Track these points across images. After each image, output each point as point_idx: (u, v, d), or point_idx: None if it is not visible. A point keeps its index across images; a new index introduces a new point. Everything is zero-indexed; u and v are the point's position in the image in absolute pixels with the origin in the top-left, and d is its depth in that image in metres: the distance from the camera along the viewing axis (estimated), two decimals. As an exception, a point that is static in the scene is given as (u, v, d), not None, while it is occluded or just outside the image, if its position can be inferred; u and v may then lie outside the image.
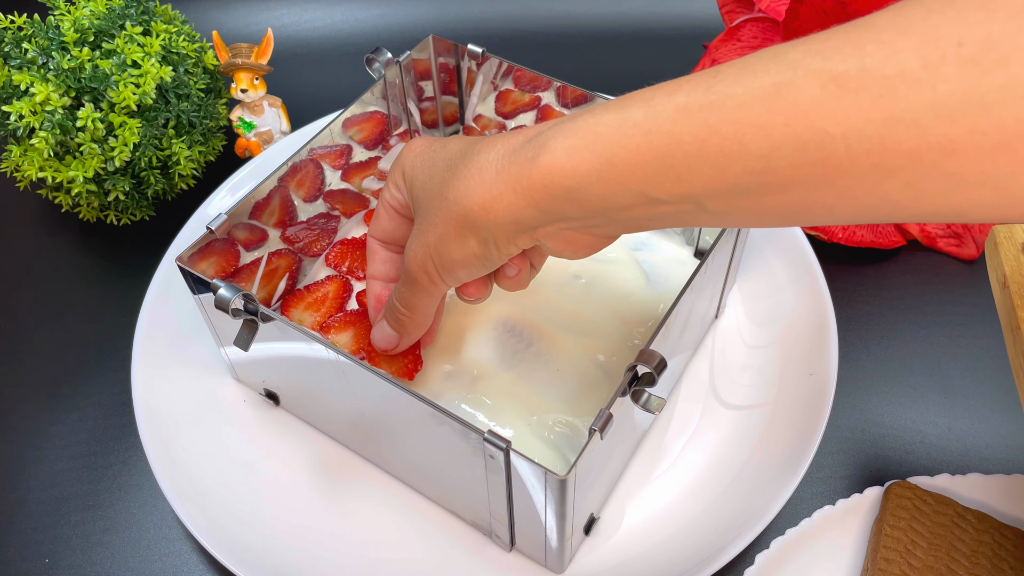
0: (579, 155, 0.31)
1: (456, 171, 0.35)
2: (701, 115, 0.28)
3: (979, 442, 0.51)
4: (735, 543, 0.43)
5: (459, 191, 0.35)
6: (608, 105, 0.31)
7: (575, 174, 0.31)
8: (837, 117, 0.25)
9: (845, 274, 0.59)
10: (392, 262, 0.45)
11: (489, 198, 0.34)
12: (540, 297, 0.51)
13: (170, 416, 0.49)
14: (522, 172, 0.32)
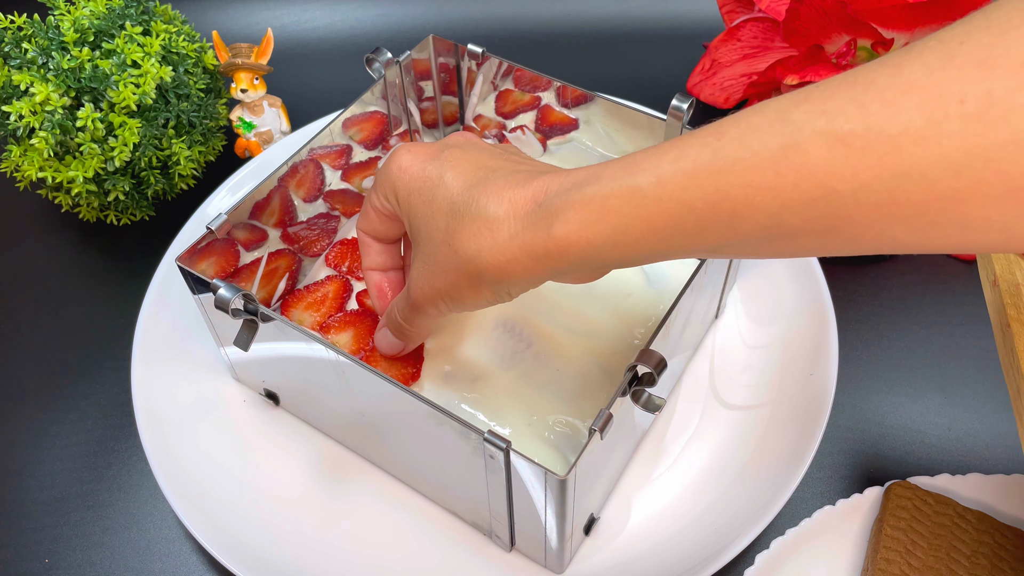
0: (593, 228, 0.32)
1: (462, 222, 0.36)
2: (710, 181, 0.29)
3: (979, 442, 0.51)
4: (735, 543, 0.43)
5: (470, 249, 0.35)
6: (615, 170, 0.31)
7: (591, 245, 0.32)
8: (845, 175, 0.26)
9: (845, 274, 0.59)
10: (386, 253, 0.45)
11: (504, 261, 0.34)
12: (540, 297, 0.51)
13: (170, 416, 0.49)
14: (536, 242, 0.33)
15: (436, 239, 0.37)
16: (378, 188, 0.41)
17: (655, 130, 0.50)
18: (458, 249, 0.36)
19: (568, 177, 0.33)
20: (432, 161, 0.38)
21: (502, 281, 0.35)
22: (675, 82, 0.69)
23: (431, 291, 0.38)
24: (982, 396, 0.53)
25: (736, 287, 0.55)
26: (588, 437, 0.36)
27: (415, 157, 0.39)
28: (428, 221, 0.38)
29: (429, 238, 0.38)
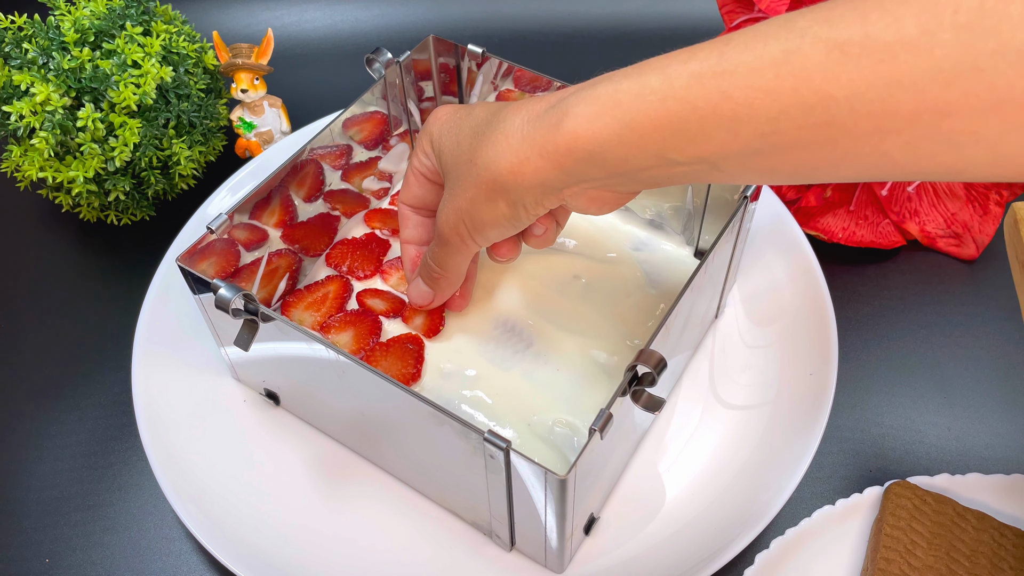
0: (600, 121, 0.33)
1: (483, 138, 0.37)
2: (714, 81, 0.30)
3: (979, 442, 0.51)
4: (735, 543, 0.43)
5: (487, 157, 0.37)
6: (627, 71, 0.33)
7: (597, 139, 0.33)
8: (841, 81, 0.27)
9: (845, 274, 0.59)
10: (424, 227, 0.47)
11: (517, 162, 0.35)
12: (540, 297, 0.51)
13: (170, 416, 0.49)
14: (547, 138, 0.34)
15: (461, 161, 0.39)
16: (417, 145, 0.43)
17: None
18: (477, 161, 0.37)
19: (584, 83, 0.34)
20: (464, 107, 0.41)
21: (516, 186, 0.36)
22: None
23: (454, 214, 0.40)
24: (982, 396, 0.53)
25: (736, 287, 0.55)
26: (588, 437, 0.36)
27: (450, 107, 0.42)
28: (455, 150, 0.40)
29: (456, 164, 0.39)
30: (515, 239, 0.43)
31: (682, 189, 0.51)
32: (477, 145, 0.37)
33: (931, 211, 0.59)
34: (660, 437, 0.49)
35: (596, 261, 0.53)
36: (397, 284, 0.52)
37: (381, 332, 0.49)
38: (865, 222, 0.59)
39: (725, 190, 0.49)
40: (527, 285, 0.51)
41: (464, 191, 0.39)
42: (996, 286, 0.58)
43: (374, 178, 0.56)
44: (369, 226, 0.55)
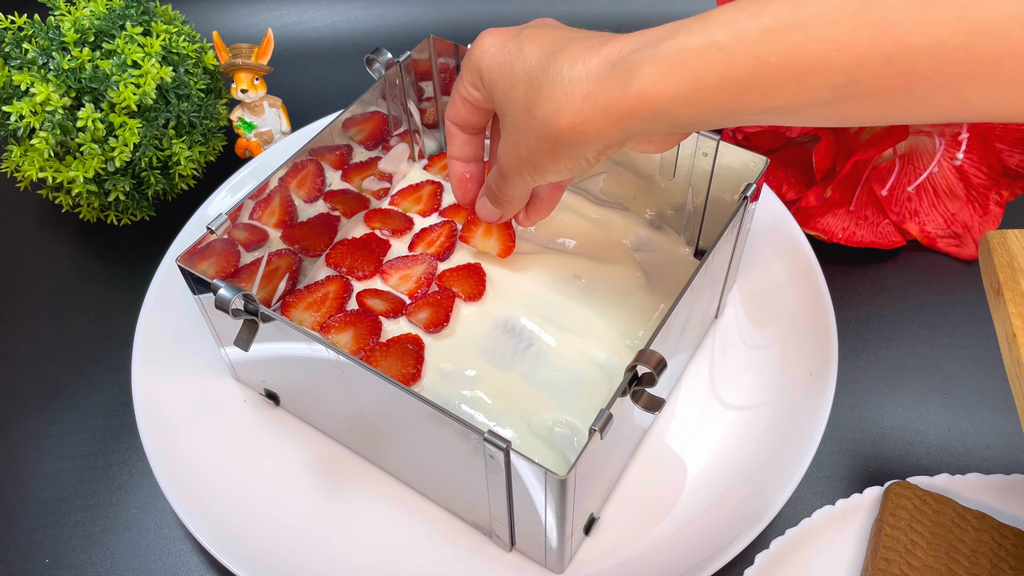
0: (667, 82, 0.32)
1: (540, 89, 0.36)
2: (787, 35, 0.29)
3: (979, 442, 0.51)
4: (735, 543, 0.43)
5: (547, 112, 0.36)
6: (690, 25, 0.32)
7: (663, 100, 0.32)
8: (923, 31, 0.27)
9: (845, 274, 0.59)
10: (470, 144, 0.47)
11: (579, 122, 0.35)
12: (540, 297, 0.51)
13: (170, 416, 0.49)
14: (611, 99, 0.34)
15: (517, 108, 0.38)
16: (464, 74, 0.42)
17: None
18: (536, 115, 0.37)
19: (644, 36, 0.33)
20: (512, 39, 0.40)
21: (578, 144, 0.36)
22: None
23: (516, 160, 0.40)
24: (982, 396, 0.53)
25: (736, 287, 0.55)
26: (588, 437, 0.36)
27: (496, 37, 0.40)
28: (508, 93, 0.39)
29: (511, 109, 0.39)
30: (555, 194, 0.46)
31: (682, 189, 0.51)
32: (535, 96, 0.37)
33: (931, 211, 0.59)
34: (660, 437, 0.49)
35: (596, 261, 0.53)
36: (397, 284, 0.52)
37: (381, 332, 0.49)
38: (865, 222, 0.59)
39: (725, 190, 0.49)
40: (527, 285, 0.51)
41: (525, 141, 0.39)
42: (996, 286, 0.58)
43: (374, 178, 0.56)
44: (369, 226, 0.55)
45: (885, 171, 0.58)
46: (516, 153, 0.40)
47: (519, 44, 0.39)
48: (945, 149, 0.57)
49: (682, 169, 0.50)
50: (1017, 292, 0.38)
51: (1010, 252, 0.40)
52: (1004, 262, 0.40)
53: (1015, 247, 0.40)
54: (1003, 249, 0.40)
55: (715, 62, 0.31)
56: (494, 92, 0.40)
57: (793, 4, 0.29)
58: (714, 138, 0.47)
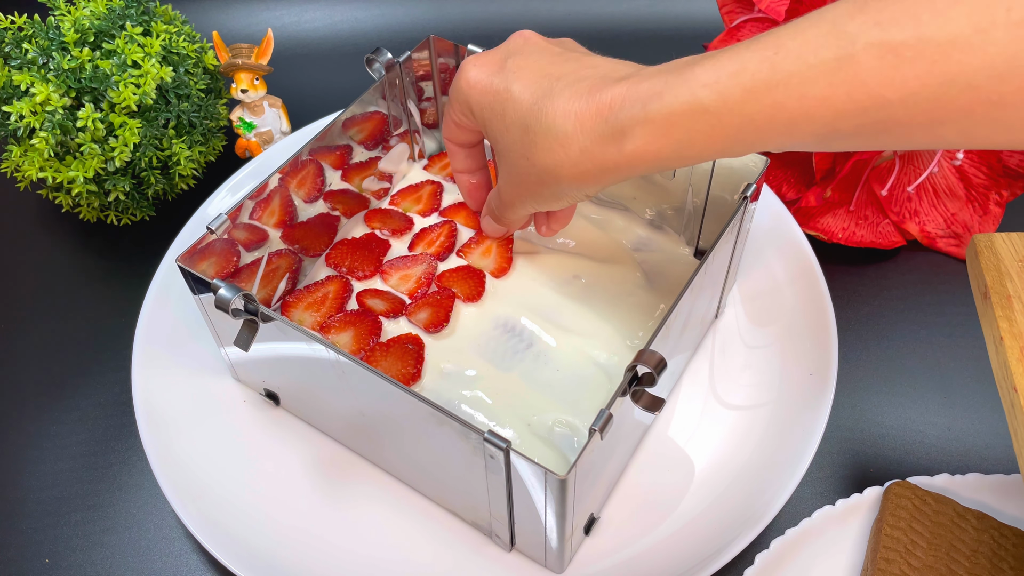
0: (658, 143, 0.34)
1: (536, 138, 0.38)
2: (769, 95, 0.31)
3: (979, 442, 0.51)
4: (735, 543, 0.43)
5: (546, 163, 0.39)
6: (675, 87, 0.33)
7: (657, 156, 0.35)
8: (895, 84, 0.28)
9: (845, 274, 0.59)
10: (471, 156, 0.49)
11: (578, 173, 0.38)
12: (540, 297, 0.51)
13: (170, 416, 0.49)
14: (607, 157, 0.36)
15: (514, 152, 0.40)
16: (452, 104, 0.44)
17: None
18: (535, 163, 0.39)
19: (630, 90, 0.35)
20: (498, 74, 0.41)
21: (579, 187, 0.39)
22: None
23: (518, 196, 0.43)
24: (982, 396, 0.53)
25: (736, 287, 0.55)
26: (588, 437, 0.36)
27: (481, 70, 0.41)
28: (503, 134, 0.40)
29: (508, 150, 0.41)
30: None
31: (682, 189, 0.51)
32: (531, 143, 0.39)
33: (931, 211, 0.59)
34: (660, 437, 0.49)
35: (596, 261, 0.53)
36: (397, 284, 0.52)
37: (381, 332, 0.49)
38: (865, 222, 0.59)
39: (725, 190, 0.49)
40: (527, 285, 0.51)
41: (526, 184, 0.41)
42: (996, 286, 0.58)
43: (374, 178, 0.56)
44: (369, 226, 0.55)
45: (885, 171, 0.58)
46: (518, 192, 0.42)
47: (506, 81, 0.40)
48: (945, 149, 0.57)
49: (682, 169, 0.50)
50: (1004, 295, 0.38)
51: (997, 255, 0.40)
52: (991, 265, 0.40)
53: (1002, 250, 0.40)
54: (990, 252, 0.40)
55: (704, 123, 0.33)
56: (488, 130, 0.42)
57: (772, 64, 0.31)
58: (714, 138, 0.47)
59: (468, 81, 0.42)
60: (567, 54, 0.41)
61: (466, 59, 0.42)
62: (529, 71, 0.39)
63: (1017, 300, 0.38)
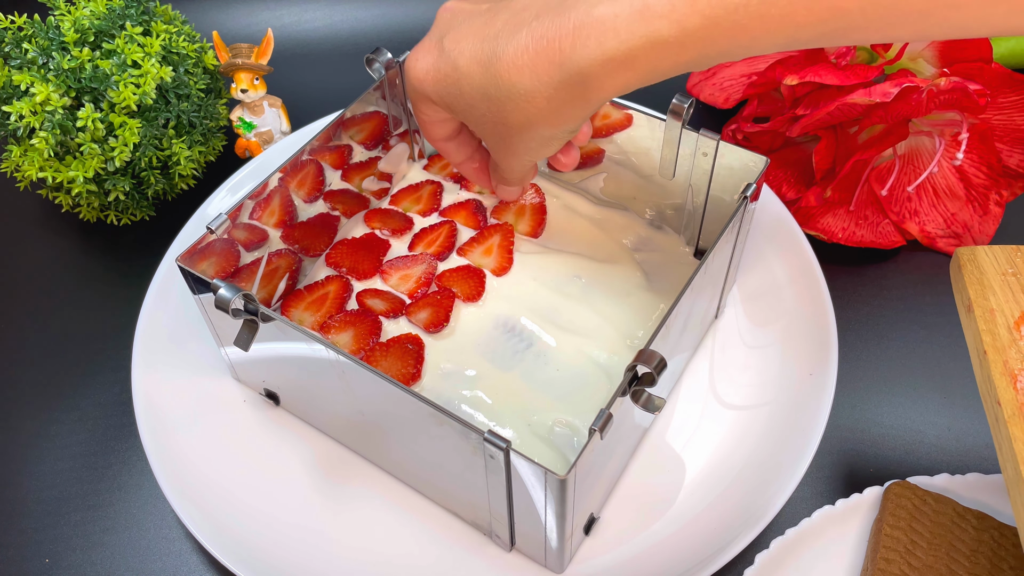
0: (623, 76, 0.35)
1: (502, 104, 0.38)
2: (729, 19, 0.31)
3: (979, 442, 0.51)
4: (735, 543, 0.43)
5: (520, 121, 0.39)
6: (624, 13, 0.33)
7: (627, 86, 0.36)
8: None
9: (845, 274, 0.59)
10: (462, 145, 0.49)
11: (554, 119, 0.38)
12: (540, 297, 0.51)
13: (170, 416, 0.49)
14: (574, 96, 0.36)
15: (487, 121, 0.40)
16: (416, 105, 0.44)
17: (655, 130, 0.50)
18: (511, 124, 0.39)
19: (580, 29, 0.35)
20: (440, 58, 0.41)
21: (562, 126, 0.39)
22: (675, 82, 0.68)
23: (510, 155, 0.43)
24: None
25: (736, 287, 0.55)
26: (588, 437, 0.36)
27: (423, 61, 0.42)
28: (471, 110, 0.41)
29: (480, 122, 0.41)
30: (569, 144, 0.47)
31: (682, 189, 0.51)
32: (499, 110, 0.39)
33: (931, 211, 0.59)
34: (660, 437, 0.49)
35: (596, 261, 0.53)
36: (397, 284, 0.52)
37: (381, 332, 0.49)
38: (865, 222, 0.59)
39: (725, 190, 0.49)
40: (527, 285, 0.51)
41: (510, 143, 0.41)
42: (996, 286, 0.58)
43: (374, 178, 0.56)
44: (369, 226, 0.55)
45: (885, 171, 0.58)
46: (507, 151, 0.42)
47: (449, 61, 0.40)
48: (945, 149, 0.57)
49: (682, 169, 0.50)
50: (987, 308, 0.38)
51: (980, 268, 0.40)
52: (974, 279, 0.40)
53: (985, 263, 0.40)
54: (973, 265, 0.40)
55: (664, 55, 0.33)
56: (454, 111, 0.42)
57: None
58: (714, 138, 0.47)
59: (416, 77, 0.42)
60: (495, 6, 0.40)
61: (406, 56, 0.43)
62: (466, 42, 0.39)
63: (1000, 314, 0.38)
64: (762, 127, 0.59)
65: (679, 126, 0.48)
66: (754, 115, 0.60)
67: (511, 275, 0.52)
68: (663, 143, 0.50)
